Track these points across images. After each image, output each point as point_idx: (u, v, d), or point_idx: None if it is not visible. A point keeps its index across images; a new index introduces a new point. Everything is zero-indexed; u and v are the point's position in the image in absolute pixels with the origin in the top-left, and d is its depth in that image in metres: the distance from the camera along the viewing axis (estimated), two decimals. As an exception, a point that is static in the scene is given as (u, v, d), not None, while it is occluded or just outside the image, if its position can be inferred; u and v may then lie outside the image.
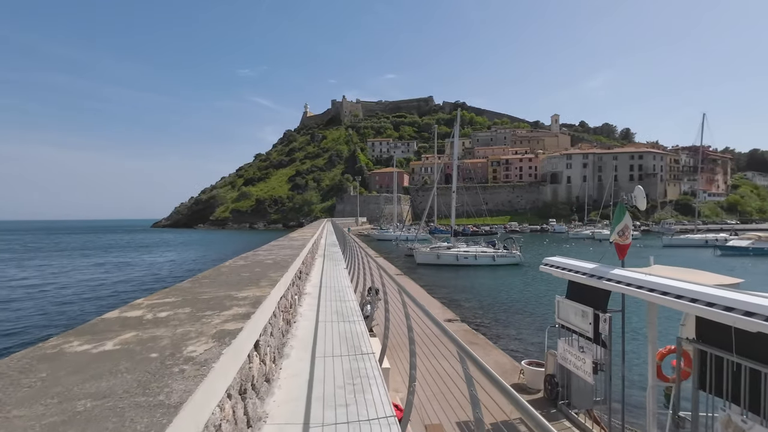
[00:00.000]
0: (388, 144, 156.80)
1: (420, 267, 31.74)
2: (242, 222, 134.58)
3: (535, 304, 17.76)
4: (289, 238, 9.60)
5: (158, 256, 48.01)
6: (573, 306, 5.68)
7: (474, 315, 15.45)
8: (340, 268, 10.32)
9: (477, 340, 9.37)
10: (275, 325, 3.32)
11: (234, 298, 2.68)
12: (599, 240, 61.59)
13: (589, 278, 5.11)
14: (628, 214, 5.21)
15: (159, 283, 27.01)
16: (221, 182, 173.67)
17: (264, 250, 6.41)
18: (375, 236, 69.37)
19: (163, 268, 36.59)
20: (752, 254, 37.15)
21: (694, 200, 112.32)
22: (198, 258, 45.15)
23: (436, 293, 20.34)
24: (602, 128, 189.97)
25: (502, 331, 12.83)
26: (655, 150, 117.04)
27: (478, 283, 24.37)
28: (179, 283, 3.33)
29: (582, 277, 5.23)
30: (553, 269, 6.05)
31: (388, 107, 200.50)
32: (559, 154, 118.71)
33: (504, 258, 31.77)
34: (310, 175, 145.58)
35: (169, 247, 62.72)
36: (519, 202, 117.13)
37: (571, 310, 5.74)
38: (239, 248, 51.26)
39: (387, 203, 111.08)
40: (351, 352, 3.90)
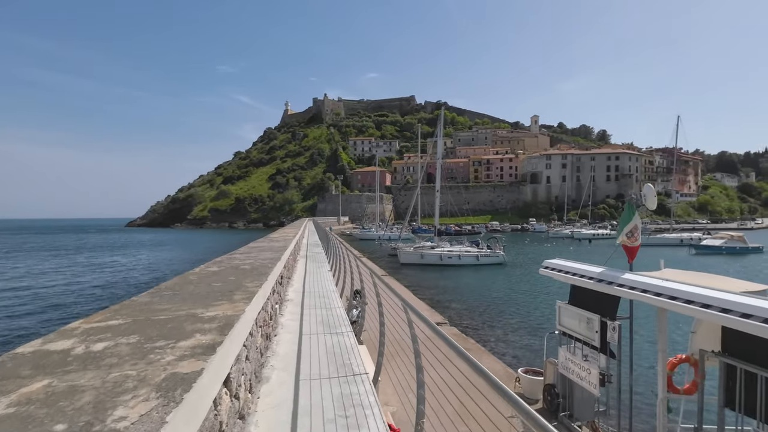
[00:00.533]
0: (370, 143, 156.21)
1: (404, 267, 31.36)
2: (221, 221, 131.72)
3: (522, 306, 17.55)
4: (269, 239, 8.99)
5: (130, 257, 46.17)
6: (577, 312, 5.31)
7: (461, 317, 15.10)
8: (324, 270, 9.76)
9: (468, 345, 8.97)
10: (252, 346, 2.77)
11: (198, 319, 2.13)
12: (578, 239, 62.66)
13: (597, 283, 4.73)
14: (638, 214, 4.86)
15: (124, 289, 25.03)
16: (199, 180, 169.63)
17: (241, 253, 5.82)
18: (357, 236, 68.72)
19: (133, 270, 35.05)
20: (725, 253, 38.26)
21: (668, 200, 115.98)
22: (173, 259, 43.62)
23: (421, 294, 19.96)
24: (580, 129, 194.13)
25: (491, 335, 12.50)
26: (631, 151, 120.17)
27: (463, 284, 24.13)
28: (135, 297, 2.75)
29: (589, 282, 4.85)
30: (554, 273, 5.66)
31: (370, 106, 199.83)
32: (538, 155, 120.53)
33: (488, 258, 31.70)
34: (291, 174, 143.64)
35: (143, 247, 60.58)
36: (500, 201, 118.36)
37: (574, 317, 5.37)
38: (217, 248, 49.80)
39: (369, 202, 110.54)
40: (341, 373, 3.38)
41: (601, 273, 4.81)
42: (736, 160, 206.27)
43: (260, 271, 3.92)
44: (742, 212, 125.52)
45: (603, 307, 4.95)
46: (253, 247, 6.76)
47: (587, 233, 65.67)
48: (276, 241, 8.17)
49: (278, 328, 4.69)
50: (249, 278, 3.49)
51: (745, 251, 38.41)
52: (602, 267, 5.21)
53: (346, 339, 4.33)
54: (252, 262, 4.59)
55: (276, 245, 7.12)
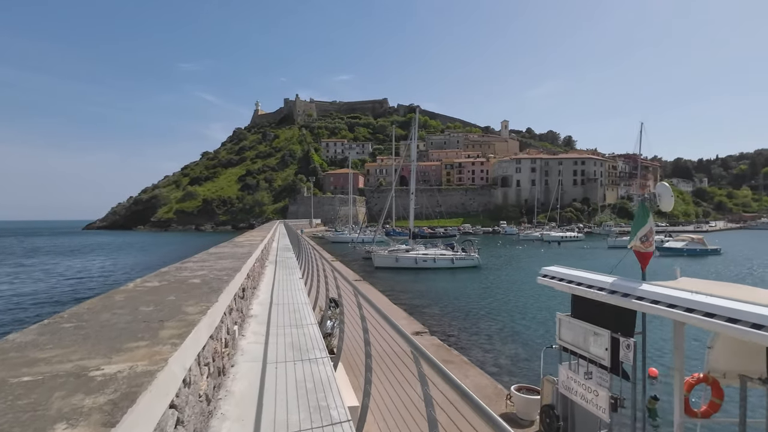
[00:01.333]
0: (343, 145, 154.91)
1: (378, 270, 30.64)
2: (187, 223, 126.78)
3: (504, 312, 17.15)
4: (233, 244, 8.05)
5: (84, 262, 43.18)
6: (582, 326, 4.73)
7: (439, 324, 14.51)
8: (295, 277, 8.89)
9: (451, 358, 8.32)
10: (184, 406, 1.94)
11: (87, 382, 1.32)
12: (548, 242, 63.91)
13: (611, 295, 4.16)
14: (652, 216, 4.33)
15: (58, 303, 21.82)
16: (164, 181, 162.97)
17: (195, 260, 4.92)
18: (330, 238, 67.47)
19: (82, 279, 32.54)
20: (686, 255, 39.73)
21: (630, 204, 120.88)
22: (130, 264, 41.10)
23: (397, 299, 19.28)
24: (547, 135, 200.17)
25: (475, 344, 11.92)
26: (596, 157, 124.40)
27: (439, 288, 23.65)
28: (13, 335, 1.89)
29: (601, 293, 4.27)
30: (554, 282, 5.07)
31: (342, 108, 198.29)
32: (509, 159, 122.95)
33: (463, 261, 31.45)
34: (261, 175, 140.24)
35: (100, 251, 57.05)
36: (471, 204, 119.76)
37: (578, 331, 4.79)
38: (181, 252, 47.42)
39: (342, 205, 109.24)
40: (316, 420, 2.61)
41: (614, 283, 4.24)
42: (690, 166, 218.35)
43: (212, 287, 3.09)
44: (697, 216, 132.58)
45: (613, 321, 4.39)
46: (212, 254, 5.85)
47: (556, 236, 67.11)
48: (240, 246, 7.26)
49: (237, 355, 3.84)
50: (194, 299, 2.66)
51: (705, 253, 40.03)
52: (608, 275, 4.65)
53: (321, 368, 3.55)
54: (205, 274, 3.74)
55: (239, 251, 6.22)
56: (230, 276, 3.60)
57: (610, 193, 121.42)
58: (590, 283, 4.50)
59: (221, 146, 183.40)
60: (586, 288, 4.50)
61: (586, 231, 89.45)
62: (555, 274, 5.13)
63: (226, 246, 7.31)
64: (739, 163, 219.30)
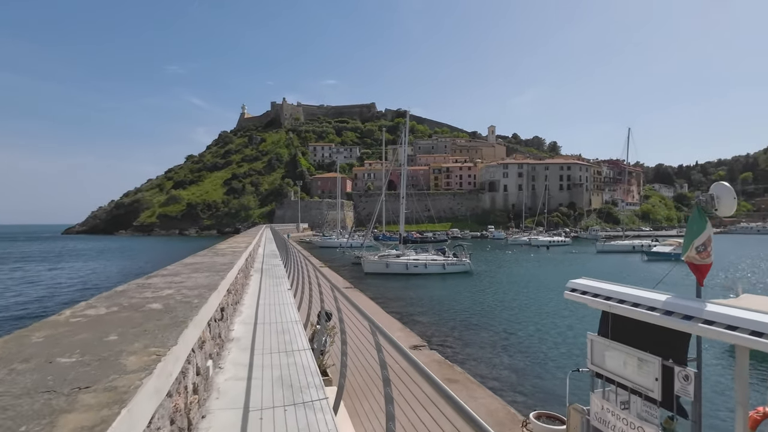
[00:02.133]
0: (331, 149, 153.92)
1: (368, 276, 29.82)
2: (171, 228, 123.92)
3: (501, 322, 16.50)
4: (213, 252, 7.20)
5: (59, 269, 41.32)
6: (622, 351, 4.05)
7: (435, 334, 13.78)
8: (283, 288, 8.07)
9: (455, 376, 7.60)
10: None
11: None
12: (537, 246, 63.96)
13: (666, 317, 3.48)
14: (710, 222, 3.68)
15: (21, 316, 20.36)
16: (147, 185, 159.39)
17: (165, 275, 4.10)
18: (317, 243, 66.36)
19: (57, 287, 30.97)
20: (674, 259, 39.84)
21: (615, 208, 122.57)
22: (107, 271, 39.46)
23: (388, 307, 18.52)
24: (532, 141, 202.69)
25: (476, 358, 11.17)
26: (581, 162, 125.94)
27: (432, 295, 22.95)
28: None
29: (653, 314, 3.59)
30: (587, 298, 4.38)
31: (330, 112, 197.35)
32: (496, 164, 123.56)
33: (454, 266, 30.85)
34: (247, 179, 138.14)
35: (77, 258, 54.88)
36: (459, 209, 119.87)
37: (617, 356, 4.10)
38: (161, 257, 45.80)
39: (330, 209, 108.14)
40: None
41: (669, 302, 3.56)
42: (671, 172, 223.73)
43: (176, 316, 2.31)
44: (679, 220, 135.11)
45: (661, 345, 3.73)
46: (187, 265, 5.02)
47: (544, 240, 67.25)
48: (221, 255, 6.43)
49: (211, 398, 3.04)
50: (145, 338, 1.87)
51: (692, 257, 40.19)
52: (652, 290, 3.99)
53: (319, 415, 2.78)
54: (171, 295, 2.94)
55: (219, 262, 5.41)
56: (203, 298, 2.82)
57: (595, 198, 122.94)
58: (637, 300, 3.82)
59: (206, 149, 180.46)
60: (631, 307, 3.82)
61: (573, 236, 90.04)
62: (587, 288, 4.44)
63: (206, 255, 6.47)
64: (718, 169, 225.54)
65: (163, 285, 3.41)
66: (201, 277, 3.87)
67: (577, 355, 11.23)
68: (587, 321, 15.97)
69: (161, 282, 3.59)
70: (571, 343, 12.95)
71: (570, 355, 11.64)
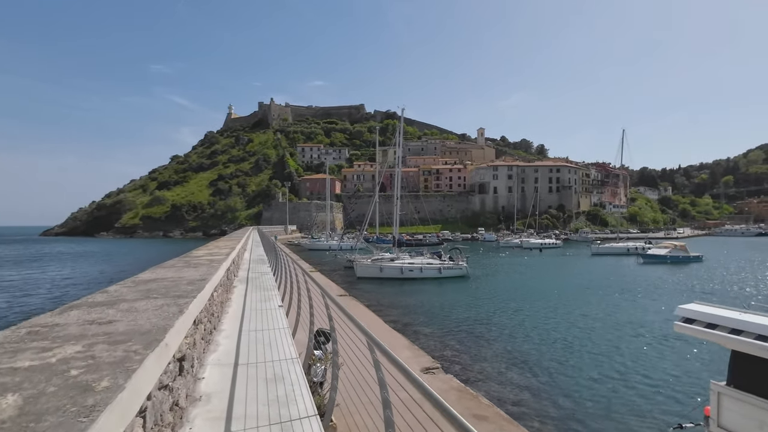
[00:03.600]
0: (319, 150, 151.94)
1: (360, 281, 28.42)
2: (155, 230, 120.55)
3: (510, 331, 15.28)
4: (186, 260, 5.77)
5: (32, 273, 38.93)
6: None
7: (442, 349, 12.46)
8: (273, 305, 6.66)
9: (483, 410, 6.27)
10: None
11: None
12: (529, 249, 63.32)
13: None
14: None
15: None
16: (131, 185, 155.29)
17: (94, 304, 2.69)
18: (306, 246, 64.62)
19: (22, 295, 28.85)
20: (669, 262, 39.42)
21: (603, 211, 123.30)
22: (78, 278, 37.26)
23: (386, 316, 17.18)
24: (521, 143, 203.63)
25: (493, 378, 9.85)
26: (571, 165, 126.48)
27: (430, 301, 21.66)
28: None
29: None
30: (714, 334, 3.10)
31: (318, 113, 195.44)
32: (486, 166, 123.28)
33: (450, 270, 29.62)
34: (234, 180, 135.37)
35: (51, 261, 52.23)
36: (449, 211, 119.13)
37: (762, 416, 2.83)
38: (145, 260, 43.63)
39: (319, 211, 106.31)
40: None
41: None
42: (655, 175, 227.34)
43: (92, 390, 1.13)
44: (665, 223, 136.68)
45: None
46: (140, 283, 3.62)
47: (535, 243, 66.66)
48: (195, 266, 5.01)
49: None
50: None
51: (687, 260, 39.82)
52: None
53: None
54: (70, 358, 1.57)
55: (188, 277, 4.01)
56: (127, 370, 1.45)
57: (583, 200, 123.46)
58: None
59: (192, 150, 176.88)
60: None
61: (563, 238, 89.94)
62: (710, 318, 3.15)
63: (174, 266, 5.05)
64: (700, 172, 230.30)
65: (76, 330, 2.02)
66: (149, 310, 2.48)
67: (634, 384, 9.91)
68: (620, 332, 14.89)
69: (78, 320, 2.20)
70: (610, 359, 11.72)
71: (613, 377, 10.35)
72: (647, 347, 13.03)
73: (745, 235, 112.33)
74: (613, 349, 12.82)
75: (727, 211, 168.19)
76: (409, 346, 9.47)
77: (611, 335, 14.57)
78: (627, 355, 12.11)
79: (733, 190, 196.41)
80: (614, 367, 11.14)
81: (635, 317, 17.69)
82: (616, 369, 11.00)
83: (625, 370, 10.93)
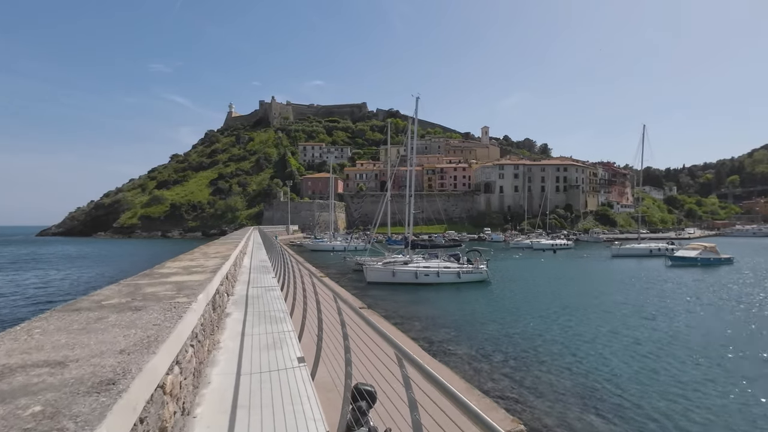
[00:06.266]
0: (321, 149, 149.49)
1: (371, 287, 25.94)
2: (153, 230, 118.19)
3: (567, 352, 12.78)
4: (130, 293, 3.28)
5: (23, 276, 36.51)
6: None
7: (490, 380, 9.97)
8: (288, 351, 4.20)
9: None
10: None
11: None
12: (541, 249, 60.80)
13: None
14: None
15: None
16: (129, 185, 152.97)
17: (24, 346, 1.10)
18: (309, 246, 62.14)
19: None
20: (700, 264, 36.85)
21: (611, 210, 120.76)
22: (73, 279, 34.84)
23: (407, 329, 14.73)
24: (524, 143, 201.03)
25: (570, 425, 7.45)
26: (578, 163, 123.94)
27: (453, 312, 19.16)
28: None
29: None
30: None
31: (320, 111, 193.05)
32: (492, 165, 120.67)
33: (470, 275, 27.08)
34: (234, 179, 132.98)
35: (44, 263, 49.82)
36: (454, 210, 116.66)
37: None
38: (141, 262, 41.16)
39: (321, 210, 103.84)
40: None
41: None
42: (659, 174, 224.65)
43: None
44: (673, 223, 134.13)
45: None
46: (70, 314, 1.15)
47: (546, 243, 64.17)
48: (138, 308, 2.55)
49: None
50: None
51: (718, 262, 37.26)
52: None
53: None
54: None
55: (146, 310, 1.50)
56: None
57: (591, 199, 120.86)
58: None
59: (192, 149, 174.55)
60: None
61: (573, 238, 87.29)
62: None
63: (151, 279, 2.57)
64: (705, 172, 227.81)
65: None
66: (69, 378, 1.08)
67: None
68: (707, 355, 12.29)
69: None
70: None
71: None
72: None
73: (757, 235, 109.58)
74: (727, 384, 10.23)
75: (734, 211, 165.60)
76: (467, 390, 6.98)
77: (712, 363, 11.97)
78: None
79: (740, 189, 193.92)
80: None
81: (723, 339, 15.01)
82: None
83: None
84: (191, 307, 2.53)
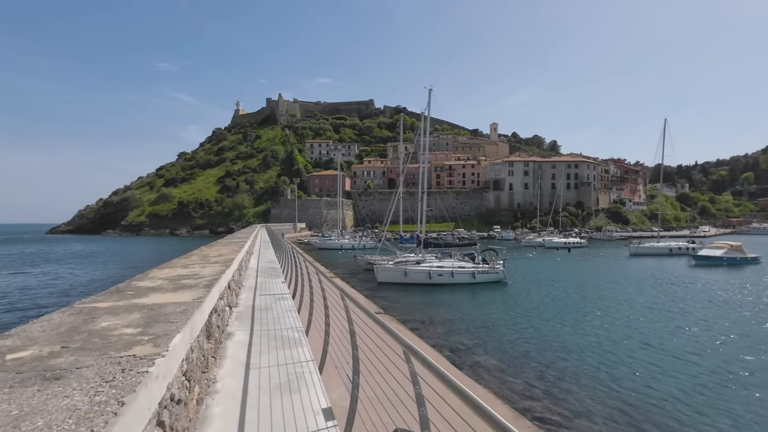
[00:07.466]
0: (328, 146, 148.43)
1: (382, 287, 24.85)
2: (161, 227, 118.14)
3: (601, 362, 11.61)
4: (128, 293, 2.21)
5: (25, 276, 35.99)
6: None
7: (523, 397, 8.82)
8: (305, 390, 3.11)
9: None
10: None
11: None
12: (554, 248, 59.24)
13: None
14: None
15: None
16: (137, 183, 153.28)
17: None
18: (317, 244, 61.22)
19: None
20: (726, 264, 35.20)
21: (623, 208, 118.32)
22: (81, 277, 34.20)
23: (426, 337, 13.62)
24: (533, 139, 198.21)
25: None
26: (589, 160, 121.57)
27: (471, 315, 17.99)
28: None
29: None
30: None
31: (327, 109, 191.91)
32: (501, 162, 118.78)
33: (486, 275, 25.85)
34: (241, 177, 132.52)
35: (52, 262, 49.44)
36: (463, 208, 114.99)
37: None
38: (149, 259, 40.48)
39: (328, 208, 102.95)
40: None
41: None
42: (671, 171, 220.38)
43: None
44: (686, 221, 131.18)
45: None
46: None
47: (559, 242, 62.54)
48: (138, 311, 1.49)
49: None
50: None
51: (745, 262, 35.55)
52: None
53: None
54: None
55: (66, 381, 1.10)
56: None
57: (602, 197, 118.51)
58: None
59: (200, 147, 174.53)
60: None
61: (585, 236, 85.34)
62: None
63: (111, 307, 1.49)
64: (718, 169, 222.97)
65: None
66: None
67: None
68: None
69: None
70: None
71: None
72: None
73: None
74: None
75: (749, 208, 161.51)
76: (515, 419, 5.85)
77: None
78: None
79: (755, 186, 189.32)
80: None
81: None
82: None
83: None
84: (153, 369, 1.45)
